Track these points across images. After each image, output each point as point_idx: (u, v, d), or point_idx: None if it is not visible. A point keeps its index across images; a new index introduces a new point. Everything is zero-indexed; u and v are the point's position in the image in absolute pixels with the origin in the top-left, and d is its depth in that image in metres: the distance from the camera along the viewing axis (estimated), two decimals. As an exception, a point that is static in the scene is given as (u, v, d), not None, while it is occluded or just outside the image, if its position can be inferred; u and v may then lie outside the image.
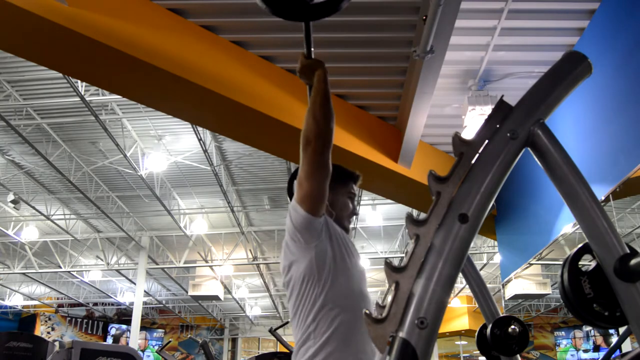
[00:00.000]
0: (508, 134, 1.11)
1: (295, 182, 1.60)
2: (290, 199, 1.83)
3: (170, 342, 13.49)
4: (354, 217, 1.90)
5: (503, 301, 14.42)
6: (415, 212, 7.29)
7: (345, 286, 1.64)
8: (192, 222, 11.81)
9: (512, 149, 1.11)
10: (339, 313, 1.58)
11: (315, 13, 1.49)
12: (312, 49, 1.65)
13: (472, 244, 1.09)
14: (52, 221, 11.31)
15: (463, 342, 19.01)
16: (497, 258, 10.19)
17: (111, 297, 17.42)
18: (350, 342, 1.56)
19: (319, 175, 1.56)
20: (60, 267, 13.43)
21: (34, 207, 10.55)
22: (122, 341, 19.09)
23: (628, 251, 1.05)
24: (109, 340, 19.25)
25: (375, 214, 11.08)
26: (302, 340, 1.58)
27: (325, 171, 1.56)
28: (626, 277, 1.02)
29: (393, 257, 12.63)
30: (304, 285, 1.60)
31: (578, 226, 2.09)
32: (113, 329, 19.60)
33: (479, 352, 2.60)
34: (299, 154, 1.57)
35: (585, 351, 18.50)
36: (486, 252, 12.86)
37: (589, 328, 18.18)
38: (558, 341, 19.33)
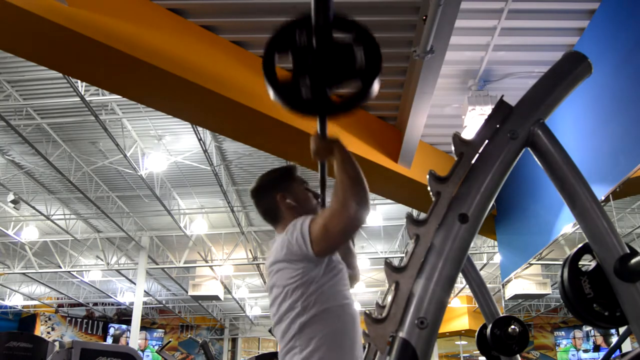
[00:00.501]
0: (508, 134, 1.11)
1: (318, 220, 1.56)
2: (261, 205, 1.84)
3: (170, 342, 13.50)
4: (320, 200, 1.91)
5: (503, 301, 14.41)
6: (415, 212, 7.29)
7: (333, 292, 1.62)
8: (192, 222, 11.81)
9: (512, 149, 1.11)
10: (327, 320, 1.56)
11: (334, 110, 1.39)
12: (327, 132, 1.57)
13: (472, 244, 1.09)
14: (52, 221, 11.31)
15: (463, 342, 19.01)
16: (497, 258, 10.19)
17: (111, 297, 17.42)
18: (339, 349, 1.55)
19: (347, 234, 1.58)
20: (60, 267, 13.43)
21: (34, 207, 10.55)
22: (122, 341, 19.09)
23: (628, 251, 1.05)
24: (109, 340, 19.25)
25: (375, 214, 11.07)
26: (288, 348, 1.57)
27: (353, 234, 1.60)
28: (626, 277, 1.02)
29: (393, 257, 12.63)
30: (290, 293, 1.59)
31: (578, 226, 2.09)
32: (112, 329, 19.59)
33: (479, 352, 2.60)
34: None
35: (586, 351, 18.50)
36: (486, 252, 12.85)
37: (589, 328, 18.18)
38: (558, 341, 19.33)
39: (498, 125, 1.16)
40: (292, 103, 1.30)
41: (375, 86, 1.28)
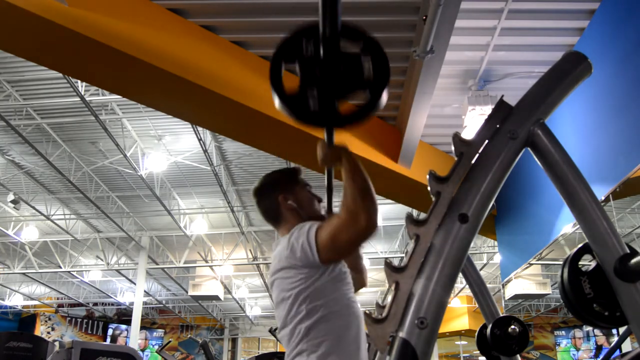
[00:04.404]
0: (508, 134, 1.11)
1: (326, 228, 1.54)
2: (262, 205, 1.83)
3: (170, 342, 13.50)
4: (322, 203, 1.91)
5: (503, 301, 14.41)
6: (415, 212, 7.29)
7: (337, 295, 1.63)
8: (192, 222, 11.81)
9: (512, 149, 1.11)
10: (332, 322, 1.57)
11: (339, 121, 1.36)
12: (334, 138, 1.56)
13: (472, 244, 1.09)
14: (52, 221, 11.31)
15: (463, 342, 19.01)
16: (497, 258, 10.19)
17: (111, 297, 17.41)
18: (347, 351, 1.56)
19: (356, 246, 1.57)
20: (60, 267, 13.43)
21: (34, 207, 10.55)
22: (120, 341, 19.08)
23: (628, 251, 1.05)
24: (109, 341, 19.24)
25: (375, 214, 11.06)
26: (296, 352, 1.57)
27: (361, 245, 1.59)
28: (626, 277, 1.02)
29: (393, 257, 12.63)
30: (294, 297, 1.59)
31: (578, 226, 2.09)
32: (110, 329, 19.58)
33: (479, 352, 2.60)
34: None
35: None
36: (486, 252, 12.85)
37: (589, 328, 18.19)
38: (558, 341, 19.33)
39: (498, 125, 1.16)
40: (299, 114, 1.27)
41: (384, 97, 1.26)
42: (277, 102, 1.26)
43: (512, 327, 2.40)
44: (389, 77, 1.27)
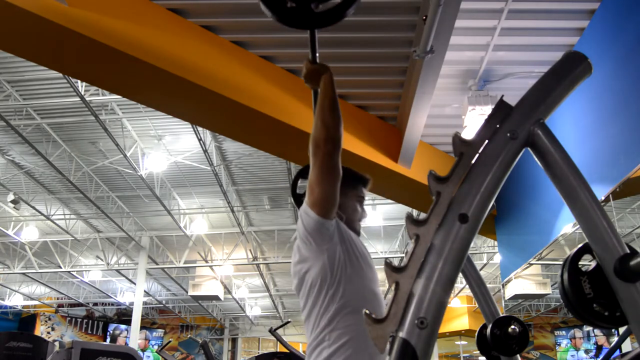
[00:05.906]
0: (508, 134, 1.11)
1: (306, 186, 1.60)
2: (295, 201, 1.85)
3: (170, 342, 13.49)
4: (363, 220, 1.92)
5: (503, 301, 14.41)
6: (415, 212, 7.29)
7: (360, 287, 1.65)
8: (192, 222, 11.81)
9: (512, 149, 1.11)
10: (354, 315, 1.58)
11: (320, 21, 1.47)
12: (317, 55, 1.63)
13: (472, 244, 1.09)
14: (52, 221, 11.31)
15: (463, 342, 19.01)
16: (497, 258, 10.19)
17: (111, 297, 17.42)
18: (366, 345, 1.56)
19: (329, 179, 1.56)
20: (60, 267, 13.43)
21: (34, 207, 10.56)
22: (121, 341, 19.07)
23: (628, 251, 1.05)
24: (109, 341, 19.24)
25: (375, 214, 11.07)
26: (317, 342, 1.57)
27: (335, 175, 1.57)
28: (626, 277, 1.02)
29: (393, 257, 12.62)
30: (317, 289, 1.60)
31: (578, 226, 2.09)
32: (110, 330, 19.57)
33: (479, 352, 2.59)
34: (307, 157, 1.58)
35: (587, 352, 18.51)
36: (486, 252, 12.85)
37: (589, 328, 18.20)
38: (558, 341, 19.33)
39: (498, 125, 1.16)
40: (279, 14, 1.42)
41: None
42: (262, 5, 1.42)
43: (512, 327, 2.39)
44: None
